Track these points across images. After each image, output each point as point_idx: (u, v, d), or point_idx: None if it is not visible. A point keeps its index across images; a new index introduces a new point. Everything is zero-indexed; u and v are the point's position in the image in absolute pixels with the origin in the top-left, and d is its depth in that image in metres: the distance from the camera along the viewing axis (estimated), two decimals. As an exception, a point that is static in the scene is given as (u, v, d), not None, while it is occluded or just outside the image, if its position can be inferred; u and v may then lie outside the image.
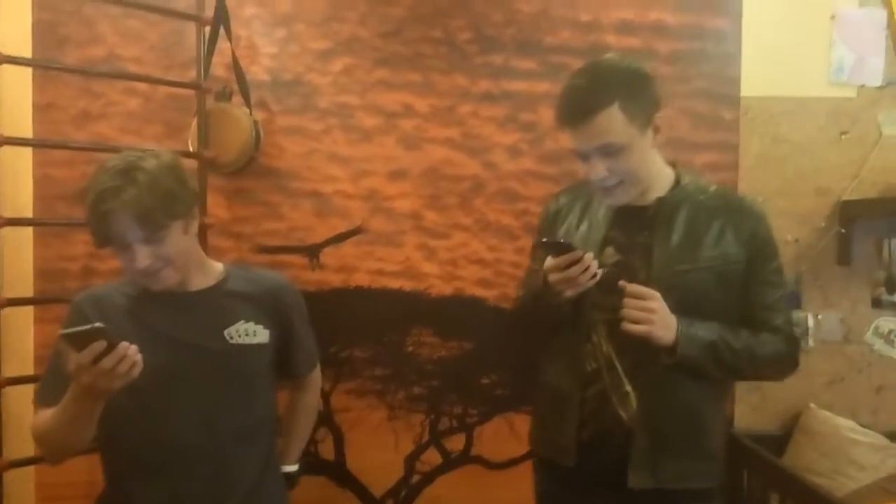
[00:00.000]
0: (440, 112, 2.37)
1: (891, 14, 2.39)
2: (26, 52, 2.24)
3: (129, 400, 1.35)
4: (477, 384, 2.39)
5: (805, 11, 2.40)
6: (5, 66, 1.86)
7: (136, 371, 1.26)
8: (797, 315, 2.40)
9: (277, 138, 2.34)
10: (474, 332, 2.37)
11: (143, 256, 1.37)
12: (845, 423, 2.33)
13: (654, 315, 1.43)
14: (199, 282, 1.53)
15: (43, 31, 2.28)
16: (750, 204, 1.61)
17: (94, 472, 2.26)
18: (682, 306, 1.46)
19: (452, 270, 2.39)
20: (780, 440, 2.39)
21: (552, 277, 1.44)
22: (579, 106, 1.43)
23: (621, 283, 1.45)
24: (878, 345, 2.44)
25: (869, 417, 2.42)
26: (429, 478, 2.41)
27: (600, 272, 1.44)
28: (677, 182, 1.57)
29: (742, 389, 2.41)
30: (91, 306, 1.48)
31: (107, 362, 1.22)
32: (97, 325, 1.21)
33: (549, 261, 1.45)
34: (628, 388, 1.50)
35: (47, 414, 1.39)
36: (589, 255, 1.42)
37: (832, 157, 2.43)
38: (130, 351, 1.25)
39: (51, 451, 1.47)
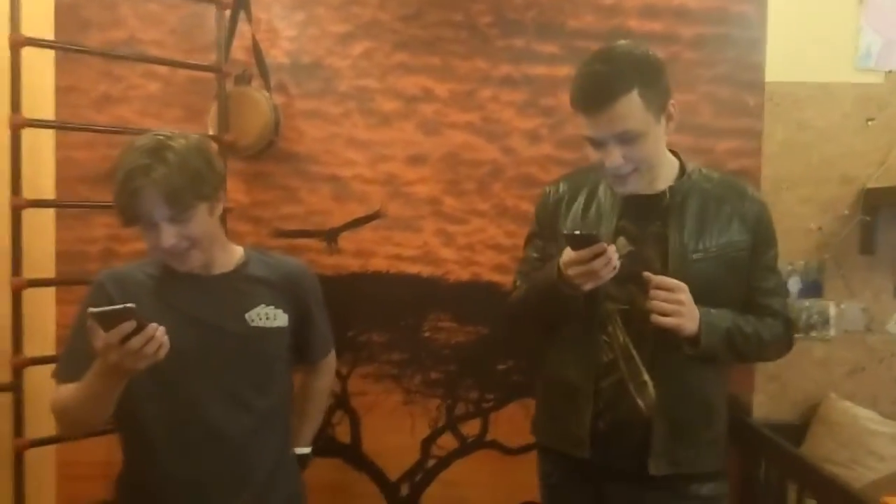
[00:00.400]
0: (460, 97, 2.36)
1: (921, -2, 2.34)
2: (49, 34, 2.25)
3: (151, 379, 1.36)
4: (493, 369, 2.39)
5: (831, -5, 2.36)
6: (27, 48, 1.86)
7: (163, 352, 1.28)
8: (820, 304, 2.38)
9: (297, 122, 2.34)
10: (491, 317, 2.36)
11: (169, 235, 1.38)
12: (865, 414, 2.31)
13: (683, 307, 1.43)
14: (221, 265, 1.54)
15: (65, 13, 2.29)
16: (752, 191, 1.63)
17: (114, 452, 2.29)
18: (697, 294, 1.46)
19: (470, 256, 2.38)
20: (799, 430, 2.37)
21: (573, 270, 1.42)
22: (599, 92, 1.41)
23: (646, 274, 1.45)
24: (901, 335, 2.41)
25: (890, 408, 2.39)
26: (444, 462, 2.42)
27: (618, 265, 1.42)
28: (682, 170, 1.58)
29: (761, 378, 2.40)
30: (114, 285, 1.49)
31: (135, 342, 1.23)
32: (128, 305, 1.22)
33: (569, 253, 1.43)
34: (646, 377, 1.50)
35: (69, 389, 1.40)
36: (612, 248, 1.40)
37: (857, 144, 2.39)
38: (158, 332, 1.26)
39: (69, 426, 1.50)
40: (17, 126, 1.83)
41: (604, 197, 1.59)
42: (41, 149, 2.26)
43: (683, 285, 1.44)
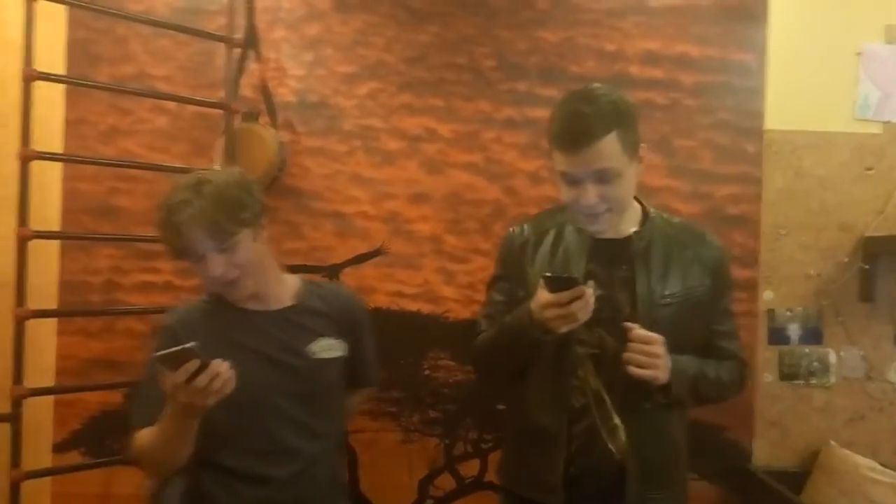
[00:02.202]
0: (463, 137, 2.39)
1: (917, 51, 2.39)
2: (60, 68, 2.29)
3: (223, 415, 1.41)
4: (493, 409, 2.38)
5: (831, 47, 2.40)
6: (38, 81, 1.89)
7: (230, 387, 1.32)
8: (820, 351, 2.39)
9: (302, 159, 2.37)
10: (491, 357, 2.36)
11: (217, 265, 1.44)
12: (865, 462, 2.29)
13: (658, 360, 1.43)
14: (279, 299, 1.60)
15: (76, 48, 2.34)
16: (710, 235, 1.65)
17: (110, 485, 2.31)
18: (665, 337, 1.46)
19: (471, 294, 2.39)
20: (799, 477, 2.35)
21: (551, 313, 1.40)
22: (582, 131, 1.42)
23: (627, 324, 1.45)
24: (901, 383, 2.41)
25: (890, 457, 2.37)
26: (442, 503, 2.39)
27: (592, 307, 1.42)
28: (646, 215, 1.60)
29: (761, 425, 2.39)
30: (182, 327, 1.53)
31: (200, 380, 1.28)
32: (189, 345, 1.25)
33: (545, 296, 1.40)
34: (617, 421, 1.49)
35: (147, 433, 1.45)
36: (589, 291, 1.39)
37: (856, 193, 2.41)
38: (223, 368, 1.30)
39: (153, 468, 1.55)
40: (27, 158, 1.86)
41: (571, 240, 1.58)
42: (48, 180, 2.29)
43: (660, 338, 1.44)
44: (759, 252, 2.41)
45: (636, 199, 1.61)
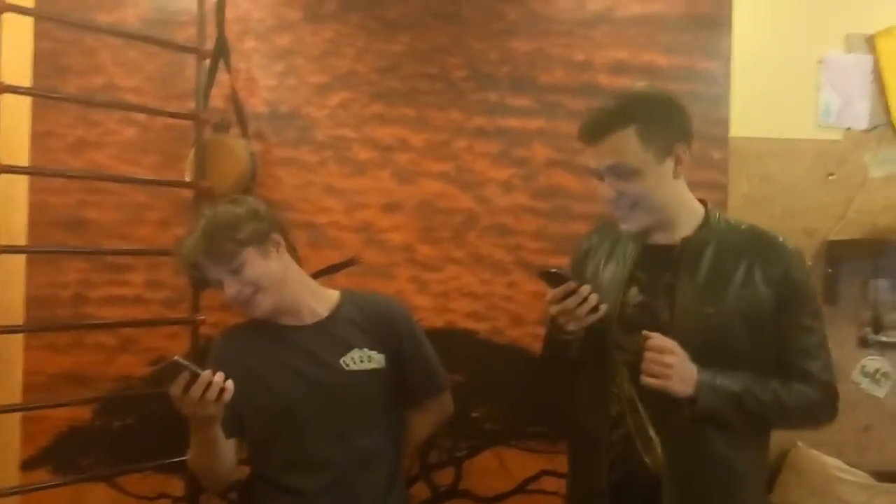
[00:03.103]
0: (435, 146, 2.40)
1: (876, 59, 2.45)
2: (26, 79, 2.26)
3: (259, 428, 1.53)
4: (467, 417, 2.39)
5: (793, 56, 2.46)
6: (5, 94, 1.87)
7: (227, 395, 1.38)
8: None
9: (273, 169, 2.36)
10: (465, 365, 2.37)
11: (230, 286, 1.53)
12: (832, 462, 2.34)
13: (670, 370, 1.37)
14: (313, 312, 1.65)
15: (44, 59, 2.31)
16: (782, 244, 1.53)
17: (81, 502, 2.27)
18: (709, 351, 1.41)
19: (445, 303, 2.40)
20: (769, 477, 2.39)
21: (552, 309, 1.43)
22: (597, 124, 1.45)
23: (645, 332, 1.41)
24: (865, 384, 2.46)
25: (856, 456, 2.42)
26: (417, 512, 2.39)
27: (603, 307, 1.42)
28: (706, 220, 1.53)
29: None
30: (228, 344, 1.65)
31: (194, 391, 1.34)
32: (175, 359, 1.33)
33: (549, 293, 1.43)
34: (652, 433, 1.43)
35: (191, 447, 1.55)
36: (586, 287, 1.39)
37: (819, 198, 2.47)
38: (216, 378, 1.36)
39: (202, 479, 1.66)
40: (-7, 172, 1.83)
41: (624, 247, 1.57)
42: (14, 192, 2.26)
43: (675, 347, 1.39)
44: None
45: (703, 202, 1.57)
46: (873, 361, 2.46)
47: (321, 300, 1.67)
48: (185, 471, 2.10)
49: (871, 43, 2.46)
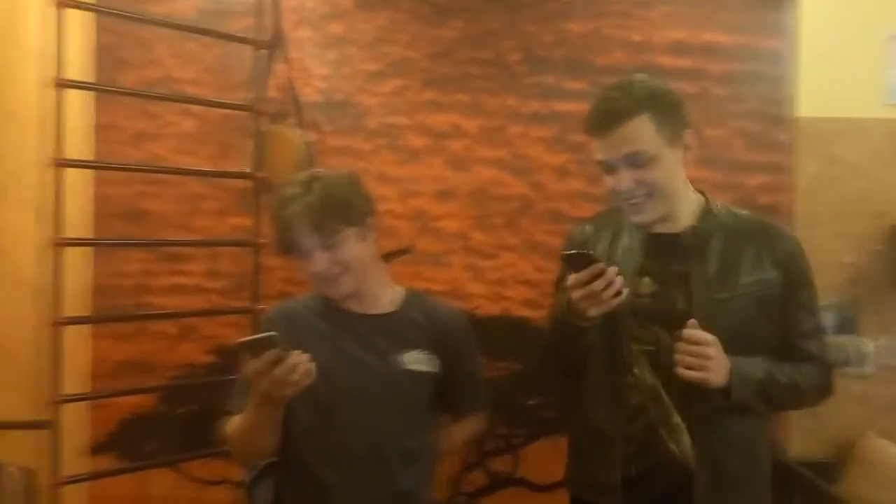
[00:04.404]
0: (488, 132, 2.38)
1: (950, 33, 2.34)
2: (88, 72, 2.31)
3: (313, 414, 1.46)
4: (523, 405, 2.38)
5: (861, 32, 2.36)
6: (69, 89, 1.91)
7: (308, 380, 1.32)
8: (856, 340, 2.35)
9: (328, 158, 2.37)
10: (521, 352, 2.36)
11: (321, 261, 1.46)
12: (905, 453, 2.27)
13: (710, 362, 1.37)
14: (381, 304, 1.60)
15: (103, 53, 2.36)
16: (781, 228, 1.57)
17: (145, 486, 2.33)
18: (727, 336, 1.40)
19: (500, 291, 2.38)
20: (835, 468, 2.33)
21: (575, 294, 1.37)
22: (609, 113, 1.41)
23: (689, 324, 1.39)
24: (937, 371, 2.37)
25: (928, 447, 2.34)
26: (473, 498, 2.40)
27: (626, 291, 1.38)
28: (708, 209, 1.54)
29: (797, 415, 2.36)
30: (283, 321, 1.56)
31: (279, 371, 1.28)
32: (271, 333, 1.27)
33: (570, 276, 1.38)
34: (677, 419, 1.44)
35: (235, 420, 1.48)
36: (613, 270, 1.35)
37: (888, 179, 2.37)
38: (303, 360, 1.31)
39: (238, 454, 1.57)
40: (61, 167, 1.87)
41: (628, 236, 1.55)
42: (78, 185, 2.30)
43: (713, 339, 1.38)
44: (792, 241, 2.38)
45: (700, 192, 1.56)
46: (946, 348, 2.37)
47: (390, 294, 1.64)
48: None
49: (945, 16, 2.35)
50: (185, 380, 2.36)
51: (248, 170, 2.20)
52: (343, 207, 1.47)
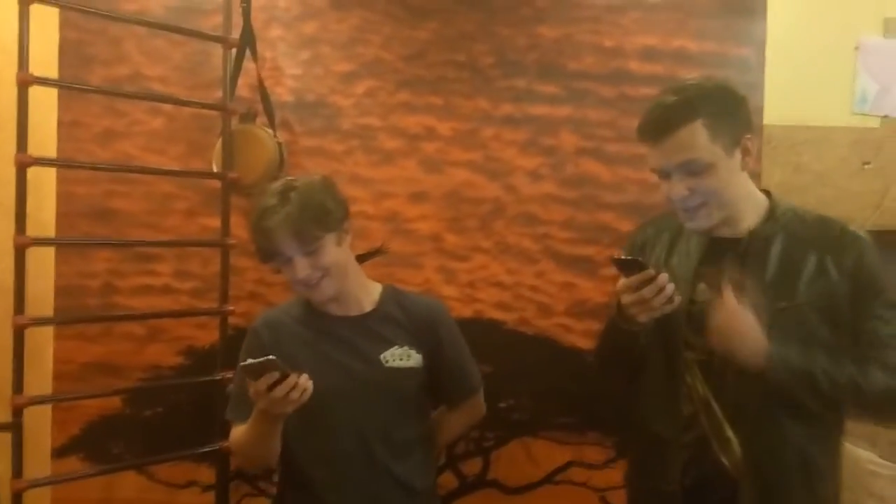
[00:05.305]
0: (462, 135, 2.38)
1: (914, 44, 2.39)
2: (53, 70, 2.26)
3: (300, 419, 1.50)
4: (495, 407, 2.37)
5: (829, 41, 2.40)
6: (33, 86, 1.86)
7: (306, 397, 1.41)
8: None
9: (300, 159, 2.35)
10: (493, 355, 2.35)
11: (302, 267, 1.52)
12: (866, 455, 2.30)
13: (734, 335, 1.35)
14: (359, 305, 1.65)
15: (69, 50, 2.30)
16: (854, 232, 1.47)
17: (112, 490, 2.30)
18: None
19: (472, 293, 2.38)
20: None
21: (625, 299, 1.36)
22: (661, 121, 1.39)
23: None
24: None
25: (889, 449, 2.39)
26: (444, 501, 2.39)
27: (678, 298, 1.36)
28: (772, 211, 1.48)
29: None
30: (267, 332, 1.64)
31: (279, 391, 1.37)
32: (270, 357, 1.35)
33: (620, 281, 1.37)
34: (730, 433, 1.41)
35: (239, 430, 1.58)
36: (664, 276, 1.33)
37: (854, 188, 2.42)
38: (301, 380, 1.39)
39: (245, 461, 1.77)
40: (24, 165, 1.83)
41: (688, 240, 1.52)
42: (42, 184, 2.25)
43: (736, 310, 1.35)
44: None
45: (767, 192, 1.52)
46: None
47: (367, 293, 1.68)
48: (214, 459, 2.13)
49: (910, 27, 2.40)
50: (153, 381, 2.33)
51: (217, 169, 2.17)
52: (321, 214, 1.52)
